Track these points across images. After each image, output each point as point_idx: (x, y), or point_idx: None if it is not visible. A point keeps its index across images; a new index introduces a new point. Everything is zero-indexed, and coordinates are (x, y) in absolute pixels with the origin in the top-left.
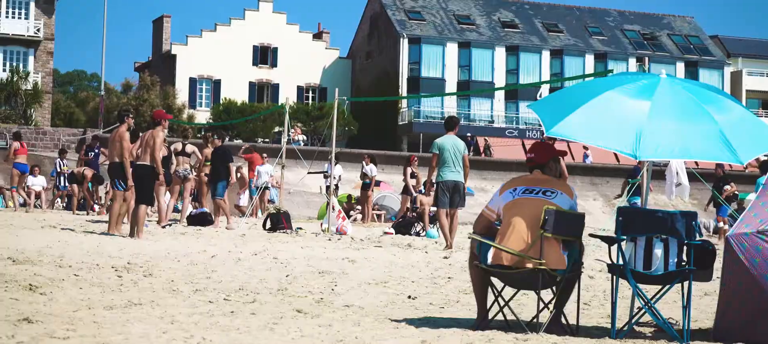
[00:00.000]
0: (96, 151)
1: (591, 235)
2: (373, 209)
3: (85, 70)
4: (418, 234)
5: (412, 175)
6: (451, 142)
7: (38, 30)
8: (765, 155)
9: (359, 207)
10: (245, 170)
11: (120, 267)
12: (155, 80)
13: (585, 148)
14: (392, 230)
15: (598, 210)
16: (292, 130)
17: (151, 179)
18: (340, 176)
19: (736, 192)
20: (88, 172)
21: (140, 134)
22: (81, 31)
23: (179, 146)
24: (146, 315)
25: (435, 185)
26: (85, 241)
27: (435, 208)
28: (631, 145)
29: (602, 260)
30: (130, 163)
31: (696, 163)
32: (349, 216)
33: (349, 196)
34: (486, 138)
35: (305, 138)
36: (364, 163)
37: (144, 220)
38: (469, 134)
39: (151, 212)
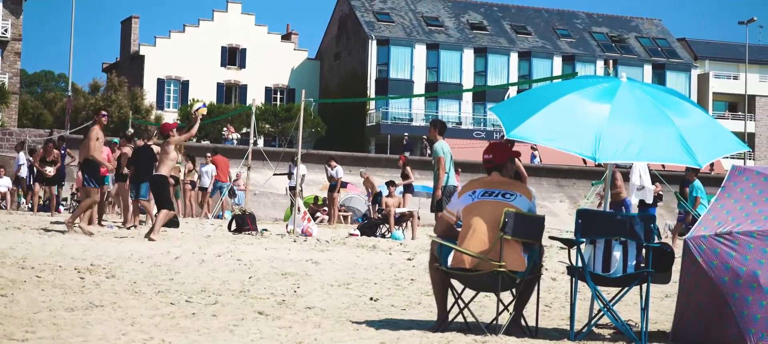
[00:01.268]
0: (62, 151)
1: (551, 238)
2: (339, 210)
3: (53, 70)
4: (383, 235)
5: (406, 176)
6: (449, 148)
7: (6, 30)
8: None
9: (326, 208)
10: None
11: (83, 269)
12: (123, 81)
13: (533, 148)
14: (358, 232)
15: (565, 212)
16: (225, 129)
17: (166, 187)
18: (303, 176)
19: (661, 193)
20: (51, 171)
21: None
22: (49, 32)
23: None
24: (107, 317)
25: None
26: (49, 243)
27: (401, 210)
28: (591, 148)
29: (565, 262)
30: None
31: (662, 165)
32: (314, 218)
33: (316, 198)
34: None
35: (238, 136)
36: (327, 167)
37: (161, 223)
38: (406, 134)
39: (118, 212)
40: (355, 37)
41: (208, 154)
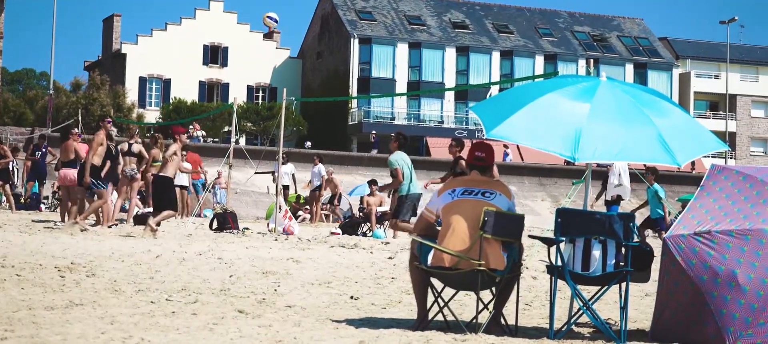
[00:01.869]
0: (43, 150)
1: (530, 236)
2: (321, 209)
3: (34, 68)
4: (364, 234)
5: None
6: (407, 157)
7: None
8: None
9: (308, 206)
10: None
11: (63, 268)
12: (105, 79)
13: (505, 146)
14: (339, 230)
15: (546, 211)
16: (191, 126)
17: (171, 188)
18: (293, 175)
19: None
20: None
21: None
22: (30, 30)
23: (126, 146)
24: (87, 316)
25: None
26: (29, 241)
27: (383, 209)
28: (570, 147)
29: (545, 260)
30: (155, 175)
31: (644, 165)
32: (296, 217)
33: (298, 196)
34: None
35: (204, 133)
36: (313, 166)
37: (162, 219)
38: (374, 132)
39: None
40: (338, 35)
41: (184, 152)
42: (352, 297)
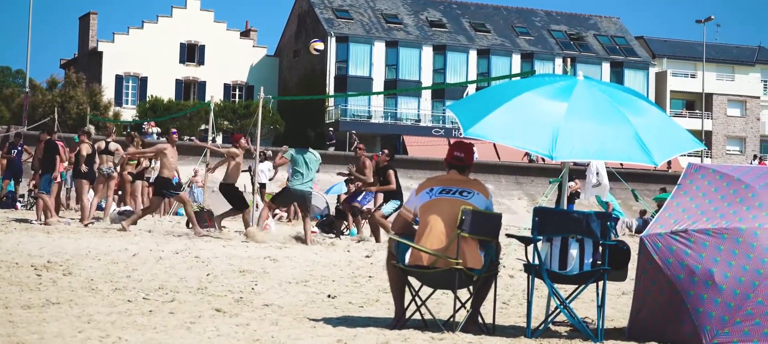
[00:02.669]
0: (19, 148)
1: (508, 235)
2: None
3: (10, 66)
4: (341, 232)
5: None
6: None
7: None
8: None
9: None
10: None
11: (39, 266)
12: (81, 77)
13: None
14: (316, 229)
15: (523, 210)
16: (146, 124)
17: (236, 192)
18: (275, 172)
19: (579, 191)
20: None
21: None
22: (6, 27)
23: (103, 144)
24: (63, 315)
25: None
26: (5, 240)
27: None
28: (548, 146)
29: (523, 259)
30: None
31: (621, 164)
32: (273, 215)
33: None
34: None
35: (159, 130)
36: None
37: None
38: (331, 129)
39: (75, 209)
40: (315, 34)
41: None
42: (329, 296)
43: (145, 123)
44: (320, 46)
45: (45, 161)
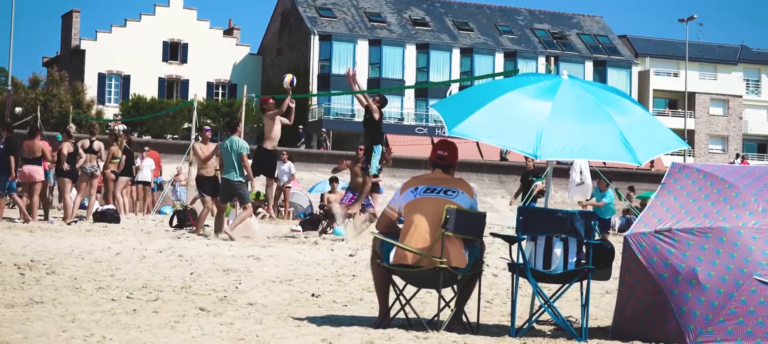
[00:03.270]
0: (1, 146)
1: (492, 234)
2: (281, 206)
3: None
4: (325, 231)
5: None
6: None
7: None
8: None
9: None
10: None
11: (23, 265)
12: (64, 75)
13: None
14: (299, 228)
15: (506, 208)
16: (111, 123)
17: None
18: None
19: (544, 189)
20: None
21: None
22: None
23: (86, 143)
24: (47, 314)
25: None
26: None
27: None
28: (532, 145)
29: (506, 258)
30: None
31: (604, 162)
32: (256, 214)
33: (258, 193)
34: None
35: (125, 127)
36: (280, 162)
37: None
38: (301, 126)
39: (58, 208)
40: (298, 32)
41: (147, 148)
42: (313, 295)
43: (111, 122)
44: (290, 78)
45: (1, 162)
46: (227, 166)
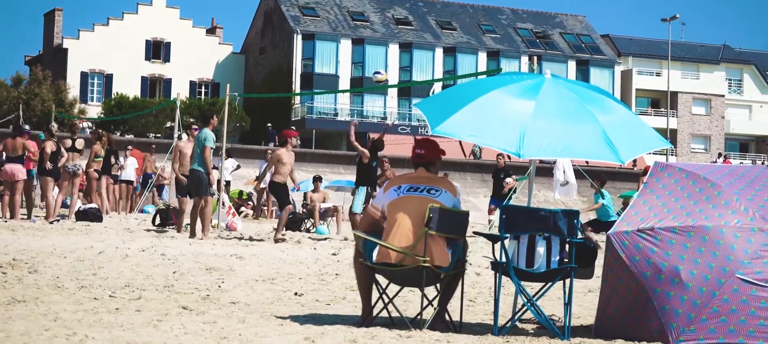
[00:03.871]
0: None
1: (475, 233)
2: (264, 205)
3: None
4: (308, 230)
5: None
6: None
7: None
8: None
9: (250, 202)
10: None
11: (4, 264)
12: (46, 74)
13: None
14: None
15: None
16: (77, 121)
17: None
18: (238, 166)
19: (515, 186)
20: None
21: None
22: None
23: (69, 142)
24: (29, 313)
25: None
26: None
27: (326, 205)
28: (515, 144)
29: (489, 257)
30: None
31: (586, 161)
32: (239, 212)
33: (241, 192)
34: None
35: (90, 125)
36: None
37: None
38: (269, 124)
39: (41, 207)
40: (281, 31)
41: (130, 147)
42: (296, 294)
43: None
44: (382, 77)
45: None
46: (195, 156)
